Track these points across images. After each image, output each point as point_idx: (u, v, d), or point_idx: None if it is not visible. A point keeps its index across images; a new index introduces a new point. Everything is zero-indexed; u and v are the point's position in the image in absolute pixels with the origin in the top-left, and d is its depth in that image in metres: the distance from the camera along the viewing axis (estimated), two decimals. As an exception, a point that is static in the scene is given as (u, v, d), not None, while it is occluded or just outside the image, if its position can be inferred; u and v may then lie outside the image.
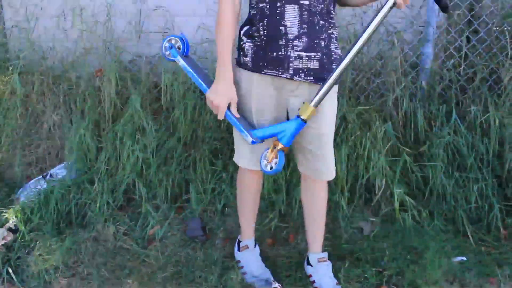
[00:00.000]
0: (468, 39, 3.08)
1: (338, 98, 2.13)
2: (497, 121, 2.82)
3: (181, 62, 1.99)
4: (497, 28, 3.06)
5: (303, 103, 1.92)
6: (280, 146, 1.92)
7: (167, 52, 2.02)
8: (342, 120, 2.85)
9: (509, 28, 2.98)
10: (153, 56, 3.24)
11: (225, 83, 1.91)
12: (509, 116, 2.88)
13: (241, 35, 1.97)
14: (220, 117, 1.93)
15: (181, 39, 2.02)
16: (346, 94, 2.98)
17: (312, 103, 1.89)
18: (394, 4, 1.76)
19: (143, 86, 3.07)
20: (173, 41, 2.01)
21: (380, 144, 2.79)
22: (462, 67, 2.98)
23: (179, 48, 2.01)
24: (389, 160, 2.81)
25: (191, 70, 1.98)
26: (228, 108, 1.93)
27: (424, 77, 3.03)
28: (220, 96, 1.90)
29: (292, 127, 1.92)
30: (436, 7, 2.95)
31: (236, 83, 1.97)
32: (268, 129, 1.96)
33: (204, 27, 3.17)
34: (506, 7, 3.04)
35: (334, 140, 2.15)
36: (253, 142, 1.93)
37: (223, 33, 1.89)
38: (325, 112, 2.00)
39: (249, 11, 1.97)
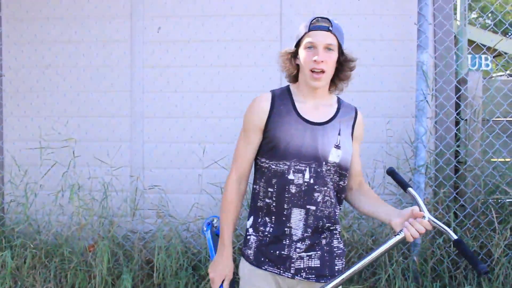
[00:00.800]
0: (456, 215, 3.17)
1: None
2: (492, 299, 2.80)
3: (208, 236, 2.19)
4: (483, 203, 3.16)
5: None
6: None
7: (205, 227, 2.23)
8: (335, 300, 2.80)
9: (493, 203, 3.08)
10: (146, 232, 3.29)
11: (222, 260, 1.96)
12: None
13: (248, 225, 1.99)
14: None
15: None
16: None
17: None
18: (404, 238, 1.83)
19: (135, 263, 3.07)
20: (214, 221, 2.25)
21: (375, 325, 2.73)
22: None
23: (216, 228, 2.24)
24: None
25: (211, 244, 2.15)
26: (223, 282, 1.96)
27: (415, 253, 3.04)
28: (216, 272, 1.95)
29: None
30: (422, 179, 3.08)
31: (240, 273, 1.99)
32: None
33: (197, 205, 3.26)
34: (488, 185, 3.16)
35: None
36: None
37: (226, 212, 1.97)
38: None
39: (257, 200, 1.98)
